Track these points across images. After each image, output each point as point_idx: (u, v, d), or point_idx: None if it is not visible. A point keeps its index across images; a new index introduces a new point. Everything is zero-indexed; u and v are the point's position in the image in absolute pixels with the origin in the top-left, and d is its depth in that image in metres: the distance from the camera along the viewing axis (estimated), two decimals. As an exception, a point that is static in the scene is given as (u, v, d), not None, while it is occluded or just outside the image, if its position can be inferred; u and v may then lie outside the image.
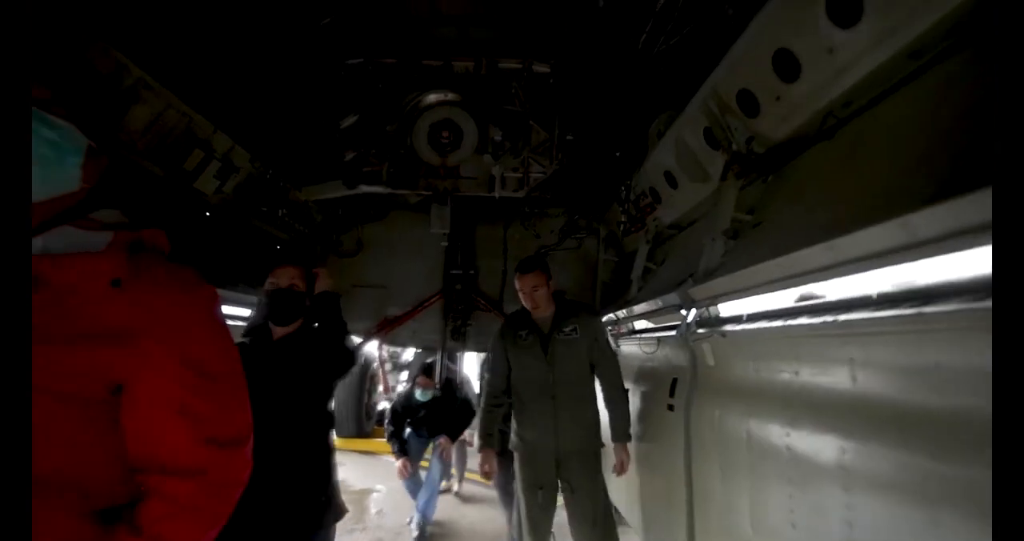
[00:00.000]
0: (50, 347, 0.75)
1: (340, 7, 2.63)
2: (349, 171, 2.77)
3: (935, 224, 0.89)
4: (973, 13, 1.08)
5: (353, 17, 2.69)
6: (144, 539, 0.81)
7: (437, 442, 4.16)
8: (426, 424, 4.21)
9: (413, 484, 4.06)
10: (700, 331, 1.92)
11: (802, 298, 1.57)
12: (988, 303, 0.86)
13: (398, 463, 3.90)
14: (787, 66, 1.58)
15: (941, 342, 1.02)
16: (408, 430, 4.19)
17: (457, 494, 4.90)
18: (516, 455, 2.67)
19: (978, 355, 0.91)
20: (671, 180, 2.60)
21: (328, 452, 2.04)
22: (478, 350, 4.29)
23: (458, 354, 5.70)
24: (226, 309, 2.09)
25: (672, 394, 2.20)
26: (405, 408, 4.22)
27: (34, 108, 0.76)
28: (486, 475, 2.69)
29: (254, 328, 2.08)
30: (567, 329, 2.54)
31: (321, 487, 1.96)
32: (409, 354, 8.01)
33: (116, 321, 0.81)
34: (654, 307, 2.37)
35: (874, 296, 1.14)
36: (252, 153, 2.74)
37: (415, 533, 3.90)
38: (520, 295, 2.61)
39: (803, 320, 1.36)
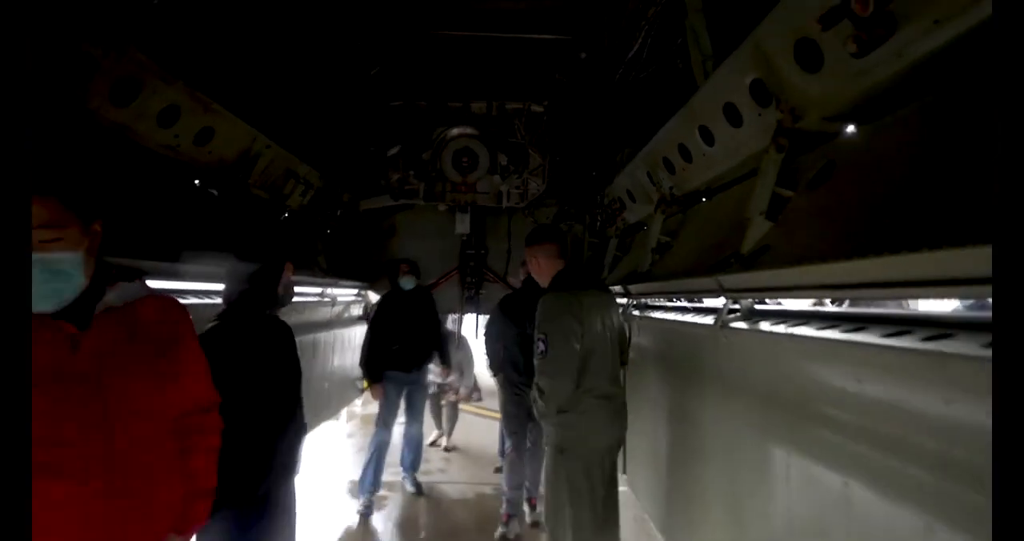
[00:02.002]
0: (149, 359, 1.16)
1: (385, 60, 3.52)
2: (395, 188, 3.75)
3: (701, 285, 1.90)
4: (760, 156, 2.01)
5: (395, 67, 3.58)
6: (200, 452, 1.34)
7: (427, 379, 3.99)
8: (407, 338, 3.74)
9: (381, 441, 3.73)
10: (635, 313, 2.97)
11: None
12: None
13: (372, 389, 3.70)
14: (685, 152, 2.53)
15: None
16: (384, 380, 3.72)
17: (446, 449, 5.03)
18: None
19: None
20: (631, 196, 3.56)
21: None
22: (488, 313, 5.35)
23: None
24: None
25: (622, 353, 3.27)
26: (388, 302, 3.85)
27: (38, 255, 0.95)
28: None
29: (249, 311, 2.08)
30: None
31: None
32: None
33: (170, 334, 1.23)
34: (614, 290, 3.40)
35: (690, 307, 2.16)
36: (321, 171, 3.70)
37: (411, 489, 3.86)
38: None
39: (673, 316, 2.40)
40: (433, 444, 5.01)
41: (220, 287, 2.95)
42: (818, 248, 1.44)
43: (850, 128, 1.63)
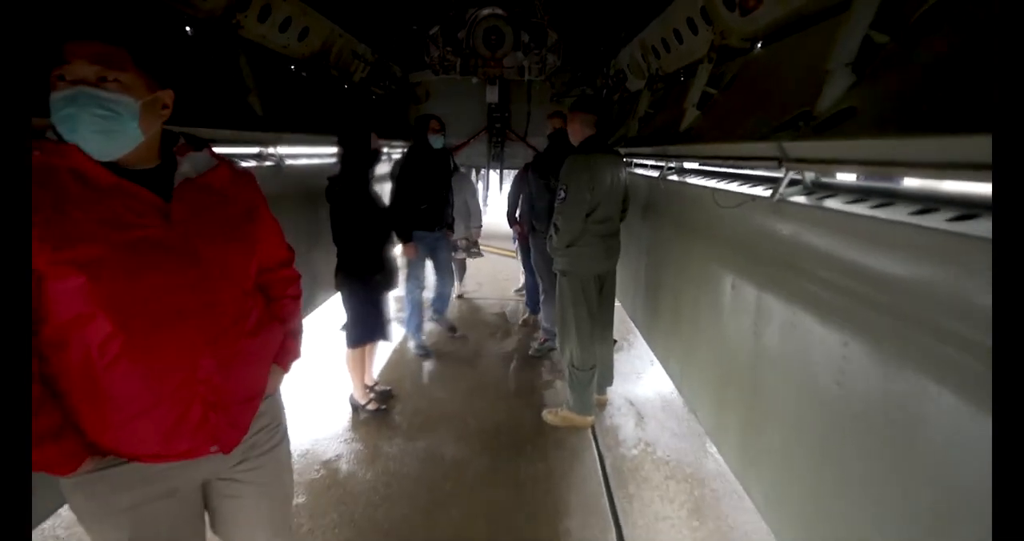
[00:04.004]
0: (233, 224, 1.22)
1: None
2: (436, 65, 4.52)
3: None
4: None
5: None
6: (287, 299, 1.43)
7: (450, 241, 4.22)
8: (434, 197, 3.90)
9: (417, 299, 4.08)
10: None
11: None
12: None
13: (405, 247, 3.83)
14: (666, 45, 3.31)
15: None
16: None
17: (460, 296, 5.57)
18: None
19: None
20: (631, 70, 4.32)
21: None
22: (511, 168, 6.33)
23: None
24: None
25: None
26: (416, 159, 3.87)
27: (87, 89, 0.97)
28: None
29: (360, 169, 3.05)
30: None
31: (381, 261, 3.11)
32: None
33: (248, 200, 1.28)
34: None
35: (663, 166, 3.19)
36: (373, 48, 4.45)
37: (451, 333, 4.51)
38: None
39: (641, 171, 3.42)
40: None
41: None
42: (719, 131, 2.42)
43: (759, 45, 2.48)
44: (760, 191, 1.82)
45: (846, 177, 1.62)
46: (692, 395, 2.69)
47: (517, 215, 4.52)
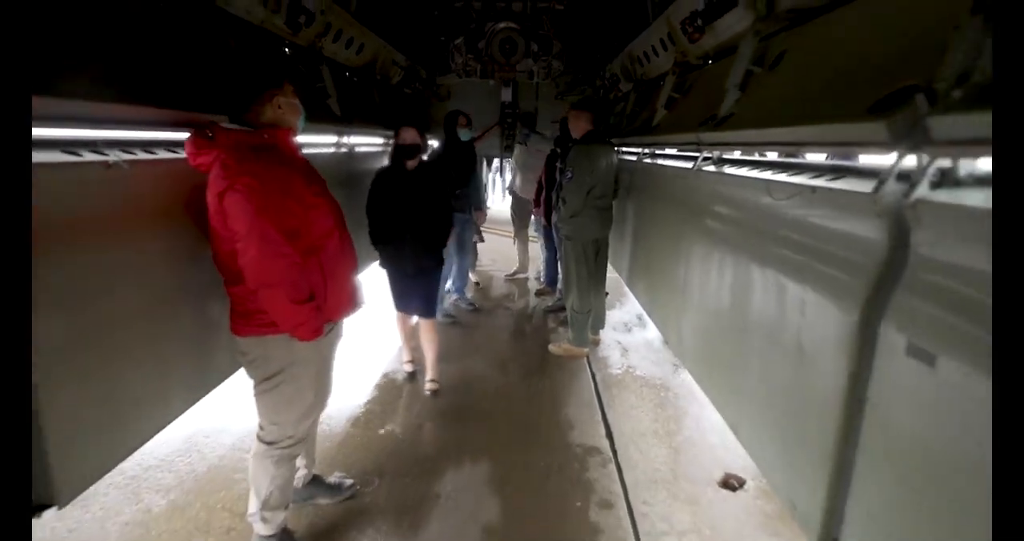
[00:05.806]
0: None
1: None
2: (459, 70, 5.41)
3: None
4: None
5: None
6: None
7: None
8: (465, 184, 4.39)
9: (445, 272, 4.21)
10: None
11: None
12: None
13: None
14: (647, 56, 4.17)
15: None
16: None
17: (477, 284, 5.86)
18: None
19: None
20: (622, 75, 5.17)
21: (445, 226, 3.38)
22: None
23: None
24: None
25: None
26: (448, 151, 4.41)
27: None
28: None
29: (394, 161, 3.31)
30: None
31: (438, 244, 3.37)
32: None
33: None
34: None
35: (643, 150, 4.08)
36: (407, 55, 5.33)
37: (467, 307, 4.96)
38: None
39: (627, 157, 4.30)
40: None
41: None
42: (672, 126, 3.29)
43: (710, 62, 3.34)
44: (688, 165, 2.72)
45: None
46: (654, 311, 3.61)
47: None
